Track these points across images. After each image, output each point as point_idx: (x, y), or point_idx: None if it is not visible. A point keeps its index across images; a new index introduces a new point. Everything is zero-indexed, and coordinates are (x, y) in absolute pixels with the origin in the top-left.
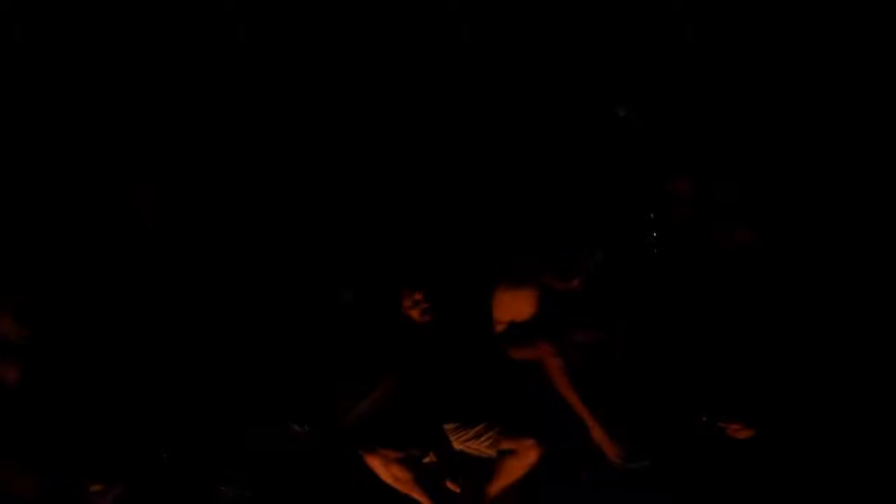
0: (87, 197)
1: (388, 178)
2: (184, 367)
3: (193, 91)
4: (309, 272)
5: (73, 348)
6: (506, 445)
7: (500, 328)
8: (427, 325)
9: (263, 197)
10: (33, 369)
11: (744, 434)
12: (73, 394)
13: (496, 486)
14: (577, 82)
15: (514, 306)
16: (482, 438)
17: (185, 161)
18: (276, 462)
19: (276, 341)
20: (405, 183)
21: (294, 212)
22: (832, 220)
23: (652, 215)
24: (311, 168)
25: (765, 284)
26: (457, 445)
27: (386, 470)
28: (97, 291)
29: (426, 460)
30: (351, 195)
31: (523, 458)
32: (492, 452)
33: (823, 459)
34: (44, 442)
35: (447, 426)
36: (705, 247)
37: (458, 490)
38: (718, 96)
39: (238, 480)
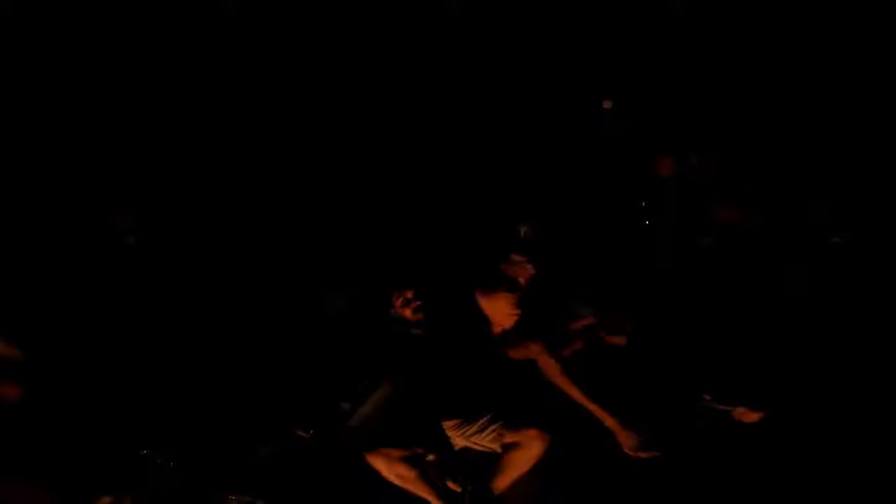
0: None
1: (376, 180)
2: (189, 376)
3: (184, 90)
4: (302, 277)
5: (72, 362)
6: (510, 439)
7: (495, 329)
8: (422, 322)
9: (262, 202)
10: (34, 386)
11: (751, 417)
12: (76, 407)
13: (504, 481)
14: (561, 77)
15: (494, 311)
16: (485, 433)
17: (176, 162)
18: (282, 467)
19: (276, 348)
20: (393, 184)
21: (290, 217)
22: (824, 199)
23: (644, 203)
24: (300, 171)
25: (764, 266)
26: (461, 442)
27: (390, 469)
28: (89, 304)
29: (430, 458)
30: (341, 198)
31: (529, 451)
32: (496, 447)
33: (828, 443)
34: (51, 457)
35: (450, 423)
36: (698, 230)
37: (458, 490)
38: (701, 82)
39: (245, 487)
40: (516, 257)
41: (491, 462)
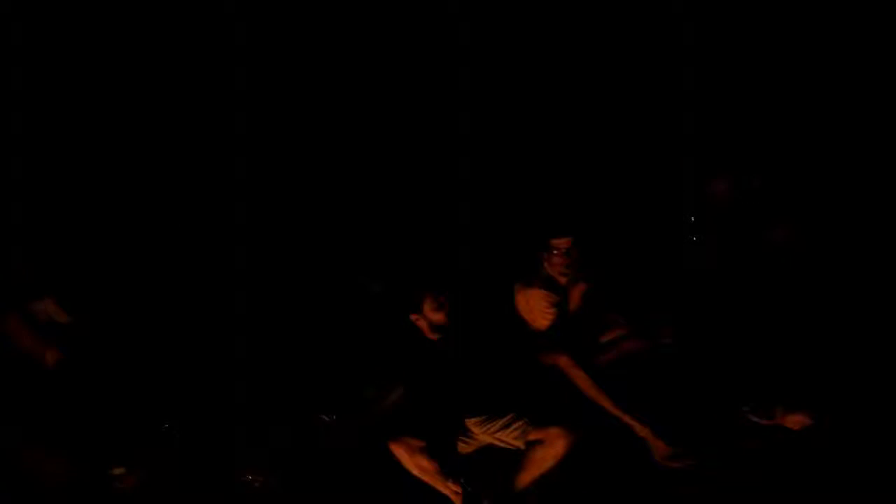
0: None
1: (409, 178)
2: (215, 357)
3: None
4: (338, 268)
5: (108, 334)
6: (534, 436)
7: (529, 328)
8: (455, 317)
9: (291, 194)
10: (70, 351)
11: (798, 424)
12: (104, 378)
13: (526, 478)
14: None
15: (529, 309)
16: (510, 430)
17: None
18: (301, 450)
19: (304, 333)
20: (428, 182)
21: (324, 210)
22: (872, 213)
23: (693, 218)
24: (337, 168)
25: (809, 280)
26: (485, 438)
27: (411, 459)
28: (130, 278)
29: (451, 453)
30: (377, 194)
31: (552, 449)
32: (520, 444)
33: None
34: (72, 424)
35: (474, 419)
36: (747, 244)
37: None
38: (751, 97)
39: (261, 466)
40: (558, 244)
41: (514, 460)
